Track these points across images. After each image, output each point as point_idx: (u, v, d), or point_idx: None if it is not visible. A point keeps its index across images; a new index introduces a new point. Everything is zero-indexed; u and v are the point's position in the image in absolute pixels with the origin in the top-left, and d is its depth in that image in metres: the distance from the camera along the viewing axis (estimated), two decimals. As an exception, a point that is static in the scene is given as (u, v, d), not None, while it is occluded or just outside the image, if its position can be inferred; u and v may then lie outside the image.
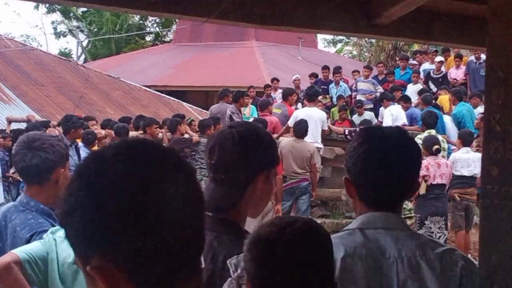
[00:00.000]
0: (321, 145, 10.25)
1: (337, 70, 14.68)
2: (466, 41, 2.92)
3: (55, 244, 2.38)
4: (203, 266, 1.01)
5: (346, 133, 11.01)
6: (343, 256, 1.76)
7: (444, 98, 12.39)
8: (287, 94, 11.79)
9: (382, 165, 1.82)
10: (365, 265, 1.76)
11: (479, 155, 8.19)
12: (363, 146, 1.86)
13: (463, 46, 3.74)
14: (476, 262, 1.88)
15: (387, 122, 11.73)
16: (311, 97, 10.77)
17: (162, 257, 0.93)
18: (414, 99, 12.69)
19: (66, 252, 2.33)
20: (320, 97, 12.04)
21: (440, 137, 8.86)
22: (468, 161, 8.46)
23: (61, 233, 2.40)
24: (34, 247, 2.40)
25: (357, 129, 11.02)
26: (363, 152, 1.85)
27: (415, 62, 15.34)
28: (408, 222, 7.82)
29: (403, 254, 1.77)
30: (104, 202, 0.91)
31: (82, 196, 0.93)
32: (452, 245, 7.45)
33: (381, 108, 12.83)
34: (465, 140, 8.69)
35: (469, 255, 7.43)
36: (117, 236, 0.91)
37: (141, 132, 10.38)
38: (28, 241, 2.54)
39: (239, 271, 1.59)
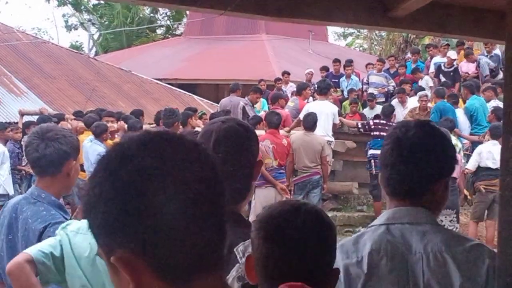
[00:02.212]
0: (332, 139, 10.22)
1: (349, 63, 14.62)
2: (482, 34, 2.89)
3: (69, 240, 2.35)
4: None
5: (359, 126, 10.92)
6: (369, 252, 1.77)
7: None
8: (301, 89, 11.74)
9: (403, 157, 1.84)
10: (391, 261, 1.76)
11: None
12: (388, 140, 1.89)
13: (479, 39, 3.72)
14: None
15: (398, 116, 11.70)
16: (322, 90, 10.74)
17: (184, 250, 0.92)
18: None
19: (80, 246, 2.31)
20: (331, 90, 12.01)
21: (452, 135, 8.86)
22: (494, 153, 8.48)
23: (72, 227, 2.38)
24: (48, 244, 2.35)
25: (370, 121, 10.96)
26: (389, 145, 1.87)
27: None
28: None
29: (428, 250, 1.77)
30: (128, 194, 0.91)
31: (106, 188, 0.93)
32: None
33: (394, 101, 12.78)
34: (494, 133, 8.72)
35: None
36: (140, 228, 0.91)
37: (155, 125, 10.34)
38: (42, 232, 2.53)
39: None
